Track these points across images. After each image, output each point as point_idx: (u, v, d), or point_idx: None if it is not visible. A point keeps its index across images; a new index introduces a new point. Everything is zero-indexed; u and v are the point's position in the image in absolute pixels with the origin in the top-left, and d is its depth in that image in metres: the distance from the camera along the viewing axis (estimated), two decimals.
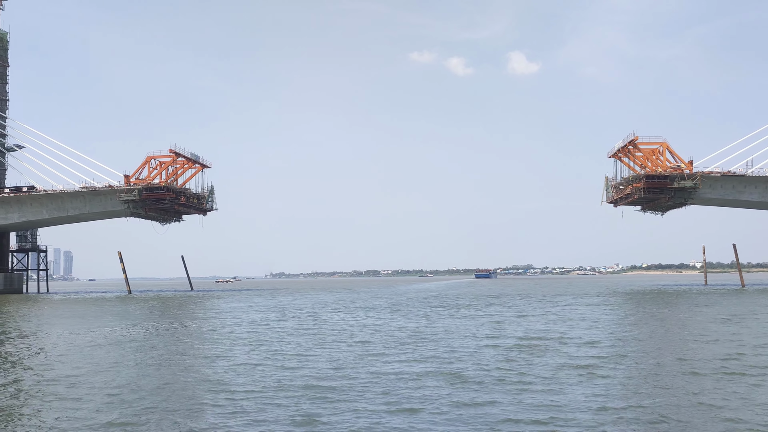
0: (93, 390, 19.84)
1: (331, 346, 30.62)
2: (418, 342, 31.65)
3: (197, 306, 73.85)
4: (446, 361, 24.80)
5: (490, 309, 59.36)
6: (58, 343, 33.75)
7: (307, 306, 70.40)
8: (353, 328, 40.55)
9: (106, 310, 65.37)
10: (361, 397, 18.04)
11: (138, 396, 18.74)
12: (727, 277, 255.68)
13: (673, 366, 22.81)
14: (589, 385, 19.27)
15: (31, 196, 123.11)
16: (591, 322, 43.05)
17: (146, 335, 37.68)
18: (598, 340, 31.23)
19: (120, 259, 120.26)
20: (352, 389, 19.31)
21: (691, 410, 15.88)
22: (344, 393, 18.74)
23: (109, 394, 19.12)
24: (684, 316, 47.80)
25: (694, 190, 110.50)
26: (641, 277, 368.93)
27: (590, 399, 17.34)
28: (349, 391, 18.93)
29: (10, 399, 18.86)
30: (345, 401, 17.61)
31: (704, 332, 34.71)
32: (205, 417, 16.19)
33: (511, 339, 32.50)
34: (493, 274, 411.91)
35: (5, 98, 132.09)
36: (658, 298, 77.19)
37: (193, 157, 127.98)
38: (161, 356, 27.94)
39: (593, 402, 16.96)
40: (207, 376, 22.03)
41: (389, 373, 22.15)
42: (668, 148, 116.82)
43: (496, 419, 15.34)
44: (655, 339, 31.94)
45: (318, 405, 17.18)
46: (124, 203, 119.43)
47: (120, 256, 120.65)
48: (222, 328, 42.08)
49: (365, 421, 15.44)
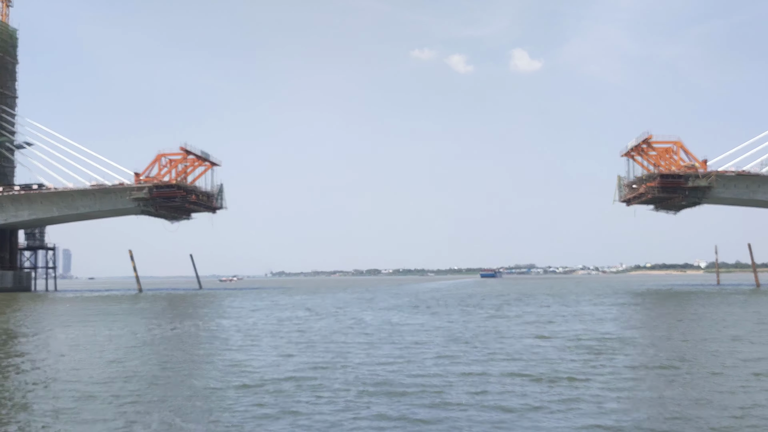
0: (172, 389, 19.10)
1: (391, 346, 29.63)
2: (482, 342, 30.66)
3: (219, 304, 72.89)
4: (523, 361, 24.00)
5: (528, 308, 58.60)
6: (109, 341, 32.99)
7: (331, 304, 69.69)
8: (402, 327, 39.42)
9: (133, 309, 64.27)
10: (473, 399, 17.23)
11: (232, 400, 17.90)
12: (734, 276, 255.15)
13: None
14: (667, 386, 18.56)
15: (42, 194, 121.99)
16: (638, 321, 42.29)
17: (188, 334, 36.81)
18: (656, 342, 30.44)
19: (131, 258, 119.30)
20: (452, 390, 18.42)
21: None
22: (448, 394, 17.85)
23: (188, 396, 18.23)
24: (724, 314, 47.03)
25: (708, 189, 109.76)
26: (647, 276, 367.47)
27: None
28: (450, 392, 18.05)
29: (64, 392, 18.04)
30: (454, 404, 16.69)
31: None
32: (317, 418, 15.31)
33: (579, 338, 31.66)
34: (498, 273, 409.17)
35: (14, 95, 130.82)
36: (688, 298, 76.21)
37: (203, 155, 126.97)
38: (224, 355, 26.96)
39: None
40: (304, 380, 20.66)
41: (475, 374, 21.27)
42: (682, 147, 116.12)
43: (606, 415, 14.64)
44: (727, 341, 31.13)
45: (431, 411, 16.20)
46: (134, 201, 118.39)
47: (131, 255, 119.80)
48: (264, 326, 41.20)
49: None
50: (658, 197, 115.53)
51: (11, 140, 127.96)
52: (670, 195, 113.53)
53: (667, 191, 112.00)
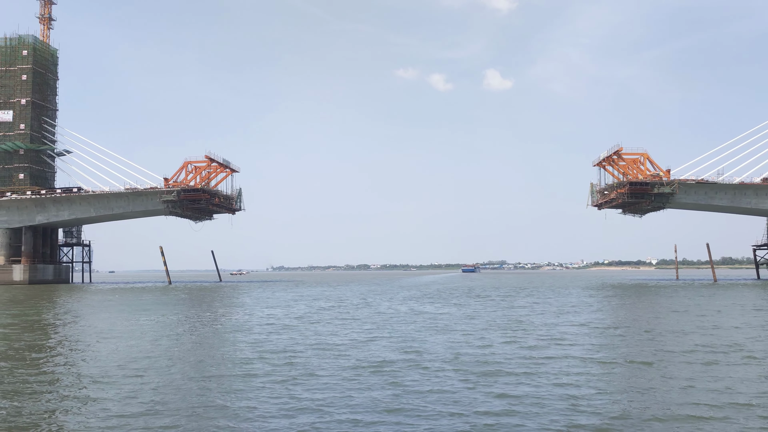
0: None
1: (451, 333, 34.15)
2: (524, 330, 35.19)
3: (252, 296, 78.48)
4: (574, 344, 29.11)
5: (529, 299, 65.64)
6: (167, 327, 37.59)
7: (353, 296, 75.59)
8: (439, 317, 43.87)
9: (180, 299, 70.28)
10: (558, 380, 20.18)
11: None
12: (684, 273, 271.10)
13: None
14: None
15: (81, 196, 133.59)
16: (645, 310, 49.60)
17: (238, 322, 40.71)
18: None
19: (161, 254, 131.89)
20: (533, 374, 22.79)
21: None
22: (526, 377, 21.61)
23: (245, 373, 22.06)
24: (717, 306, 53.92)
25: (671, 195, 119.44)
26: (607, 272, 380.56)
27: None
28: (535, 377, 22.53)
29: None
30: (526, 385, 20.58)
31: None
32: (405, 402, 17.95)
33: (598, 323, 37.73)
34: (477, 269, 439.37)
35: (55, 108, 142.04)
36: (662, 291, 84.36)
37: (225, 162, 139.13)
38: (285, 344, 28.91)
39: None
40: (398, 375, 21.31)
41: (543, 355, 25.87)
42: (648, 158, 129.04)
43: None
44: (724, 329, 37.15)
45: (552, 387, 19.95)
46: (164, 203, 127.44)
47: (161, 251, 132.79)
48: (308, 316, 45.36)
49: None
50: (628, 202, 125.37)
51: (52, 148, 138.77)
52: (638, 200, 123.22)
53: (635, 197, 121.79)
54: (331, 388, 18.79)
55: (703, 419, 15.05)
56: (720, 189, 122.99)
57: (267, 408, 16.33)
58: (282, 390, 18.51)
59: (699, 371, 21.16)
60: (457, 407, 16.35)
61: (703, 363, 22.83)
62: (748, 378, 19.95)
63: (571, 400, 17.07)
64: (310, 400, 17.12)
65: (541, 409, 16.10)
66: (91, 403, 16.88)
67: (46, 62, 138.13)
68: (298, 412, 15.92)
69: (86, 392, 18.33)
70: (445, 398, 17.42)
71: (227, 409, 16.21)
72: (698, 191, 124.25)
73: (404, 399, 17.31)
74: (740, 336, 31.09)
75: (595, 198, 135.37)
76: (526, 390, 18.35)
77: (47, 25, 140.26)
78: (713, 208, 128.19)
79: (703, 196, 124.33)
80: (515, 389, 18.48)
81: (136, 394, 17.98)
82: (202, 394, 17.93)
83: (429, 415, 15.63)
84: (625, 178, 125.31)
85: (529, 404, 16.65)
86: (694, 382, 19.32)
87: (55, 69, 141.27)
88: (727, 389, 18.23)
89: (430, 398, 17.39)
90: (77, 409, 16.35)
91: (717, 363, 22.78)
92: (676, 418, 15.22)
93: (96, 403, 16.85)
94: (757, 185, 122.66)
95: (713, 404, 16.44)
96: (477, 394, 17.88)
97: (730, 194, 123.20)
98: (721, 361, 23.15)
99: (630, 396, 17.58)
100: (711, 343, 28.17)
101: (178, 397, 17.43)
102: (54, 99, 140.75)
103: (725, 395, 17.44)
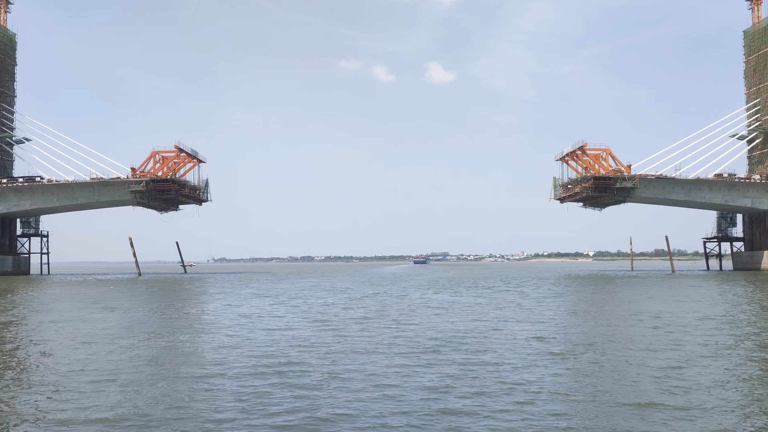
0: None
1: (483, 315, 36.45)
2: (538, 311, 38.35)
3: (258, 287, 79.05)
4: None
5: (519, 288, 69.16)
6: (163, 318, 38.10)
7: (353, 288, 76.63)
8: (455, 304, 46.80)
9: (164, 291, 70.25)
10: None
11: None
12: (621, 264, 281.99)
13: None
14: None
15: (43, 185, 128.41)
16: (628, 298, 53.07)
17: (256, 315, 41.61)
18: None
19: (131, 245, 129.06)
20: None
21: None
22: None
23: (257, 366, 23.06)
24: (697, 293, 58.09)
25: (633, 190, 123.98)
26: (550, 263, 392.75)
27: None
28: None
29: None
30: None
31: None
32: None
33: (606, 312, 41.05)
34: (428, 260, 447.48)
35: (13, 94, 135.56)
36: (629, 282, 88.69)
37: (193, 152, 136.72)
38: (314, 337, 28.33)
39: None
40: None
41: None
42: (611, 154, 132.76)
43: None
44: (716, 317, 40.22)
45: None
46: (132, 193, 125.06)
47: (131, 242, 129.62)
48: (345, 304, 47.16)
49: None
50: (591, 196, 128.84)
51: (11, 136, 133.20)
52: (601, 194, 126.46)
53: (598, 191, 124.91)
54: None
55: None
56: (677, 184, 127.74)
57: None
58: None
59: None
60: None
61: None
62: None
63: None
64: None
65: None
66: (45, 413, 14.42)
67: (4, 47, 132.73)
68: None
69: (41, 400, 15.75)
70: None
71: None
72: (657, 186, 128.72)
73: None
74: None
75: (557, 192, 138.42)
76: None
77: (5, 8, 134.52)
78: (671, 202, 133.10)
79: (661, 190, 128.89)
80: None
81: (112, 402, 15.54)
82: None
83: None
84: (587, 172, 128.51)
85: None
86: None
87: (13, 54, 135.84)
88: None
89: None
90: (31, 419, 13.94)
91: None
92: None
93: (52, 413, 14.38)
94: (711, 180, 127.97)
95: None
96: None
97: (686, 189, 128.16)
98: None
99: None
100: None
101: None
102: (12, 85, 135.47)
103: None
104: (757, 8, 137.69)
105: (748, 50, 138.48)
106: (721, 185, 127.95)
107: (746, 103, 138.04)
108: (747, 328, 28.89)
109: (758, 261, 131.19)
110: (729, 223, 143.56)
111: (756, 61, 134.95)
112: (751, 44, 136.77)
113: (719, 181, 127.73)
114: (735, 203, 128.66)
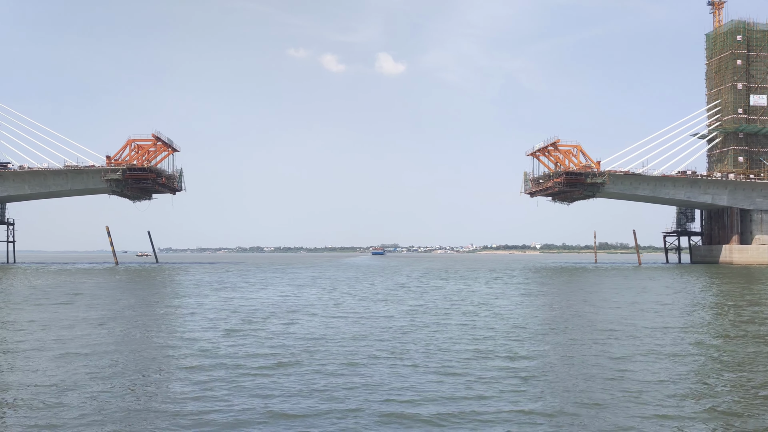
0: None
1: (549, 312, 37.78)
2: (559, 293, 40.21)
3: (247, 277, 78.63)
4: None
5: (506, 278, 70.90)
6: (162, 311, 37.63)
7: (351, 279, 76.98)
8: (472, 294, 48.47)
9: (153, 280, 69.55)
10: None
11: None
12: (585, 257, 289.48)
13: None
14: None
15: (15, 172, 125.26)
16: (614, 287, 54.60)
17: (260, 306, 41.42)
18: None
19: (108, 234, 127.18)
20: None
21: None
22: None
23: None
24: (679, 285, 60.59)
25: (602, 185, 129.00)
26: (501, 255, 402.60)
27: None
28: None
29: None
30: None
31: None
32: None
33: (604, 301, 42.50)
34: (384, 251, 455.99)
35: None
36: (606, 273, 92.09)
37: (169, 141, 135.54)
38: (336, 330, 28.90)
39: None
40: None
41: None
42: (582, 150, 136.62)
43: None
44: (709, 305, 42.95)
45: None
46: (107, 182, 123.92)
47: (108, 231, 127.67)
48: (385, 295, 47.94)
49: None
50: (562, 191, 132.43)
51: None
52: (572, 189, 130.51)
53: (570, 186, 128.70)
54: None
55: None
56: (644, 180, 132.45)
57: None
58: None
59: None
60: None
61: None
62: None
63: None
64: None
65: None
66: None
67: None
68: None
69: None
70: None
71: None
72: (625, 182, 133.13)
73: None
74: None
75: (528, 186, 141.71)
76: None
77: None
78: (637, 197, 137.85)
79: (629, 186, 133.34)
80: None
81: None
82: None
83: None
84: (557, 168, 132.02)
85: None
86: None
87: None
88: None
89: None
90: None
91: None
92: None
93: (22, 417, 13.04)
94: (674, 178, 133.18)
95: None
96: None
97: (652, 185, 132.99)
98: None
99: None
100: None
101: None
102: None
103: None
104: (719, 12, 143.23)
105: (709, 53, 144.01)
106: (684, 182, 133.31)
107: (707, 104, 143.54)
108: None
109: (717, 255, 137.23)
110: (687, 219, 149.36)
111: (717, 63, 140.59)
112: (712, 47, 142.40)
113: (682, 177, 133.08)
114: (696, 199, 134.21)
